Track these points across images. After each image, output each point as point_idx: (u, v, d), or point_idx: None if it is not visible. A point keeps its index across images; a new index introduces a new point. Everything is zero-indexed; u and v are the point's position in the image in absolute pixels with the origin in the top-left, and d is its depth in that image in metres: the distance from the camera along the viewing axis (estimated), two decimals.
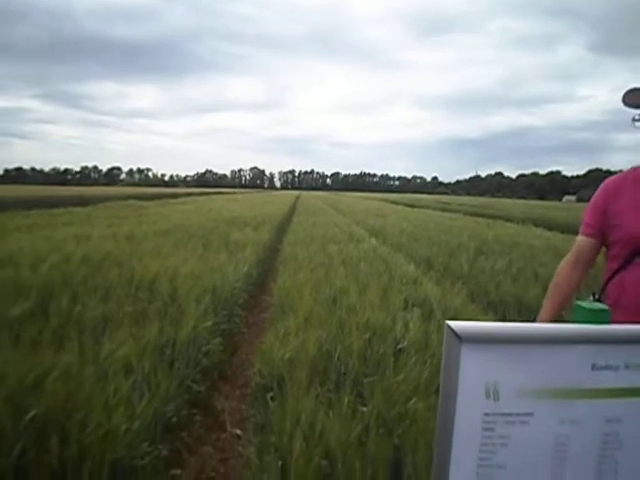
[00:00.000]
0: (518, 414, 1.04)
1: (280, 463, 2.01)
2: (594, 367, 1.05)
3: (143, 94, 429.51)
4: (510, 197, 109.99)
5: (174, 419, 2.81)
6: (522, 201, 72.41)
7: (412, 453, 1.89)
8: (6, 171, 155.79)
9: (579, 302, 1.15)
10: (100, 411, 2.13)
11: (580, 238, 1.90)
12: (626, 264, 1.72)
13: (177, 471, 2.55)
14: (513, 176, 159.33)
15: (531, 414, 1.04)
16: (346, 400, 2.37)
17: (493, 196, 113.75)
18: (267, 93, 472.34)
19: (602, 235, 1.83)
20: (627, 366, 1.07)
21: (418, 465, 1.80)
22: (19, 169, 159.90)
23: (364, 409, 2.32)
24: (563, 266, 1.93)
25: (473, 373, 1.02)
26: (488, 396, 1.03)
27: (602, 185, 1.87)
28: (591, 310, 1.10)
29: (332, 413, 2.24)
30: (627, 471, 1.10)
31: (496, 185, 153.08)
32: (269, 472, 2.04)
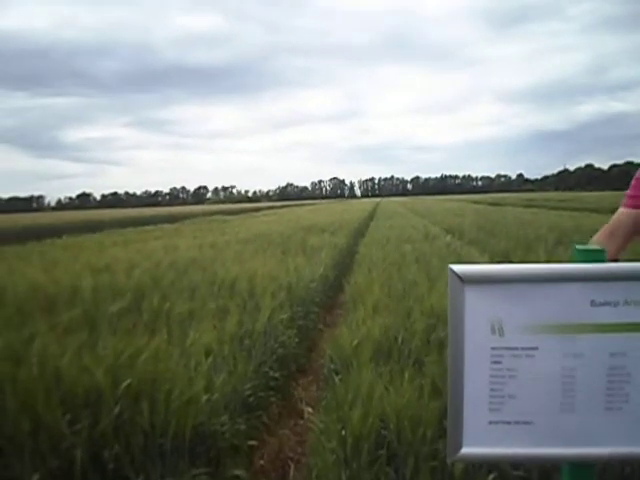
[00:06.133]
0: (523, 348, 1.15)
1: (340, 427, 2.20)
2: (593, 303, 1.14)
3: (224, 115, 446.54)
4: (603, 190, 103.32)
5: (251, 399, 3.09)
6: (615, 192, 67.80)
7: None
8: (103, 196, 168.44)
9: (576, 245, 1.26)
10: (184, 383, 2.43)
11: (619, 210, 1.78)
12: None
13: (254, 442, 2.81)
14: (605, 167, 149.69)
15: (536, 348, 1.15)
16: (406, 375, 2.53)
17: (583, 190, 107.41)
18: (343, 103, 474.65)
19: None
20: (627, 302, 1.15)
21: None
22: (114, 194, 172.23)
23: (422, 382, 2.46)
24: (594, 239, 1.88)
25: (477, 311, 1.15)
26: (494, 332, 1.16)
27: None
28: (587, 251, 1.20)
29: (391, 386, 2.40)
30: (637, 403, 1.19)
31: (586, 178, 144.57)
32: (331, 436, 2.24)
